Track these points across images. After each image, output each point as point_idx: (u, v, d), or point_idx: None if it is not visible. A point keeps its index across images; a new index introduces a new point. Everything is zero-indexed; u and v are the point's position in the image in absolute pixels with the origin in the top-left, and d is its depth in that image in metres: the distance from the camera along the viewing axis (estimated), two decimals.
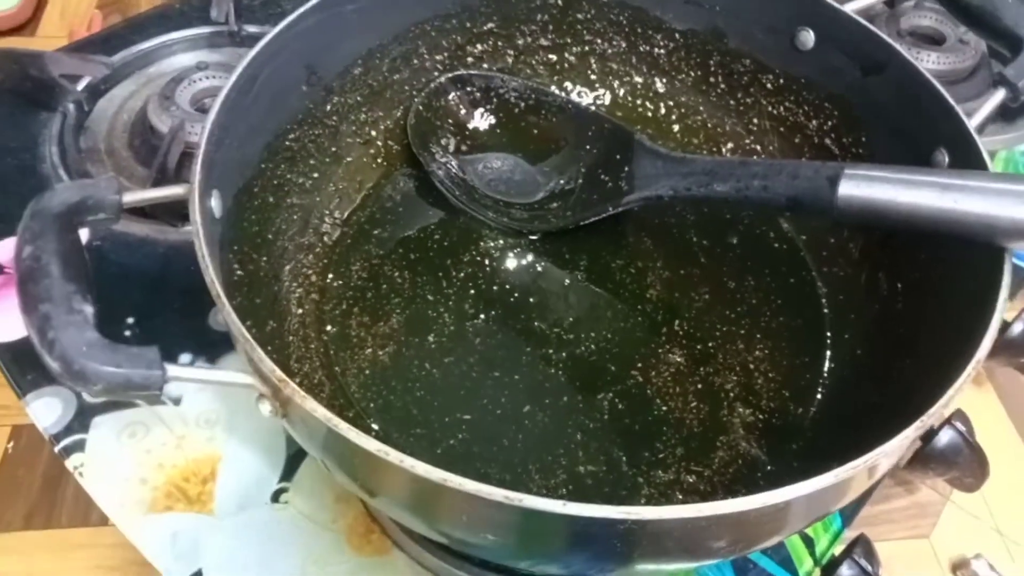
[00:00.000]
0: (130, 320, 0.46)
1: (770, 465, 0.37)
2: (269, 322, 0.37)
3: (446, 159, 0.46)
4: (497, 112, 0.47)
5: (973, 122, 0.36)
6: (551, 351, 0.40)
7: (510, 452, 0.36)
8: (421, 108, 0.46)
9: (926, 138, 0.37)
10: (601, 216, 0.43)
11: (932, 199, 0.31)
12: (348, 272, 0.42)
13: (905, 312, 0.38)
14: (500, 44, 0.47)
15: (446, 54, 0.46)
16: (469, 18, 0.46)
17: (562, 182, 0.45)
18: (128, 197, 0.30)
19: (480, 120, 0.47)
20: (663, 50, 0.47)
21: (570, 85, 0.49)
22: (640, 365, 0.39)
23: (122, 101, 0.58)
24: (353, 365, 0.39)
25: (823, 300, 0.42)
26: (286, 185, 0.41)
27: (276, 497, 0.41)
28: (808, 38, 0.42)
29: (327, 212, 0.43)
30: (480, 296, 0.42)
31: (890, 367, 0.37)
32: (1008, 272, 0.30)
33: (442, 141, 0.46)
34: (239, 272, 0.35)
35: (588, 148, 0.45)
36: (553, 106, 0.47)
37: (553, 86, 0.48)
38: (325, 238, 0.43)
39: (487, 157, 0.47)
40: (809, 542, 0.43)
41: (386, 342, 0.40)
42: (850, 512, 0.44)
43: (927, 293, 0.37)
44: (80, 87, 0.57)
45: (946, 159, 0.36)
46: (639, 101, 0.48)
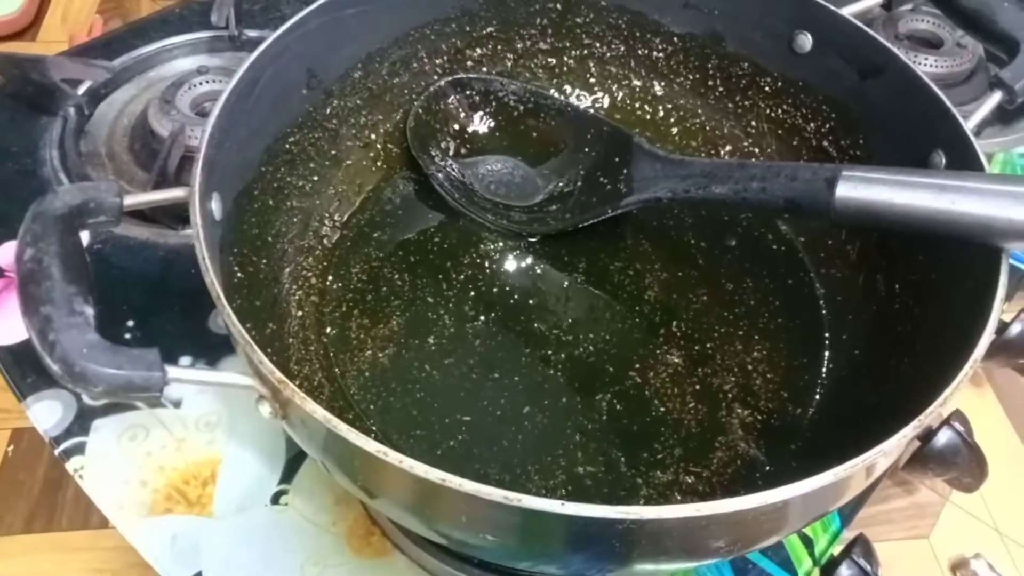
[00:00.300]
0: (130, 323, 0.46)
1: (769, 465, 0.37)
2: (269, 324, 0.37)
3: (445, 162, 0.46)
4: (496, 115, 0.47)
5: (970, 124, 0.36)
6: (550, 352, 0.40)
7: (509, 453, 0.37)
8: (420, 111, 0.46)
9: (923, 140, 0.37)
10: (600, 218, 0.43)
11: (929, 200, 0.31)
12: (348, 274, 0.42)
13: (903, 313, 0.38)
14: (499, 48, 0.47)
15: (445, 58, 0.46)
16: (469, 22, 0.46)
17: (561, 185, 0.45)
18: (129, 200, 0.30)
19: (479, 123, 0.47)
20: (661, 54, 0.47)
21: (569, 88, 0.49)
22: (638, 366, 0.39)
23: (123, 105, 0.58)
24: (353, 367, 0.39)
25: (821, 301, 0.42)
26: (286, 188, 0.41)
27: (276, 499, 0.41)
28: (806, 41, 0.42)
29: (327, 215, 0.43)
30: (479, 298, 0.42)
31: (888, 368, 0.37)
32: (1005, 273, 0.31)
33: (441, 144, 0.46)
34: (239, 274, 0.36)
35: (587, 151, 0.45)
36: (552, 109, 0.47)
37: (552, 89, 0.49)
38: (325, 241, 0.43)
39: (486, 160, 0.47)
40: (808, 542, 0.43)
41: (386, 344, 0.40)
42: (849, 512, 0.44)
43: (925, 294, 0.37)
44: (81, 91, 0.57)
45: (943, 161, 0.36)
46: (638, 104, 0.49)
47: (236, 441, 0.43)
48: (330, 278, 0.42)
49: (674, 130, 0.48)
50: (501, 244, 0.44)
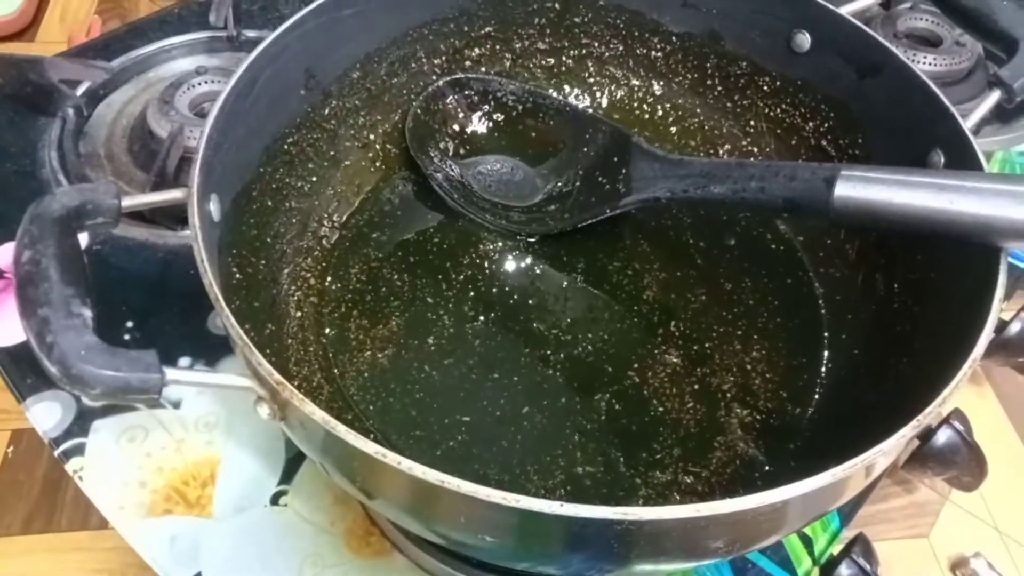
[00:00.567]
0: (129, 324, 0.46)
1: (768, 465, 0.37)
2: (268, 325, 0.37)
3: (444, 162, 0.46)
4: (495, 115, 0.47)
5: (968, 123, 0.36)
6: (549, 352, 0.40)
7: (508, 453, 0.37)
8: (419, 112, 0.46)
9: (922, 139, 0.37)
10: (599, 218, 0.43)
11: (928, 199, 0.31)
12: (347, 275, 0.42)
13: (902, 312, 0.38)
14: (498, 48, 0.47)
15: (444, 58, 0.46)
16: (467, 22, 0.46)
17: (560, 184, 0.45)
18: (127, 201, 0.30)
19: (478, 123, 0.47)
20: (660, 53, 0.47)
21: (568, 88, 0.49)
22: (637, 366, 0.39)
23: (121, 106, 0.58)
24: (352, 368, 0.39)
25: (820, 301, 0.42)
26: (284, 189, 0.41)
27: (275, 500, 0.41)
28: (804, 40, 0.42)
29: (325, 215, 0.43)
30: (479, 298, 0.42)
31: (887, 367, 0.37)
32: (1004, 272, 0.31)
33: (440, 144, 0.46)
34: (237, 275, 0.36)
35: (585, 151, 0.45)
36: (551, 109, 0.47)
37: (551, 89, 0.49)
38: (324, 241, 0.43)
39: (485, 160, 0.47)
40: (808, 542, 0.43)
41: (385, 345, 0.40)
42: (848, 511, 0.44)
43: (924, 293, 0.37)
44: (79, 92, 0.57)
45: (942, 160, 0.36)
46: (636, 104, 0.49)
47: (235, 442, 0.43)
48: (329, 279, 0.42)
49: (673, 129, 0.48)
50: (500, 244, 0.44)
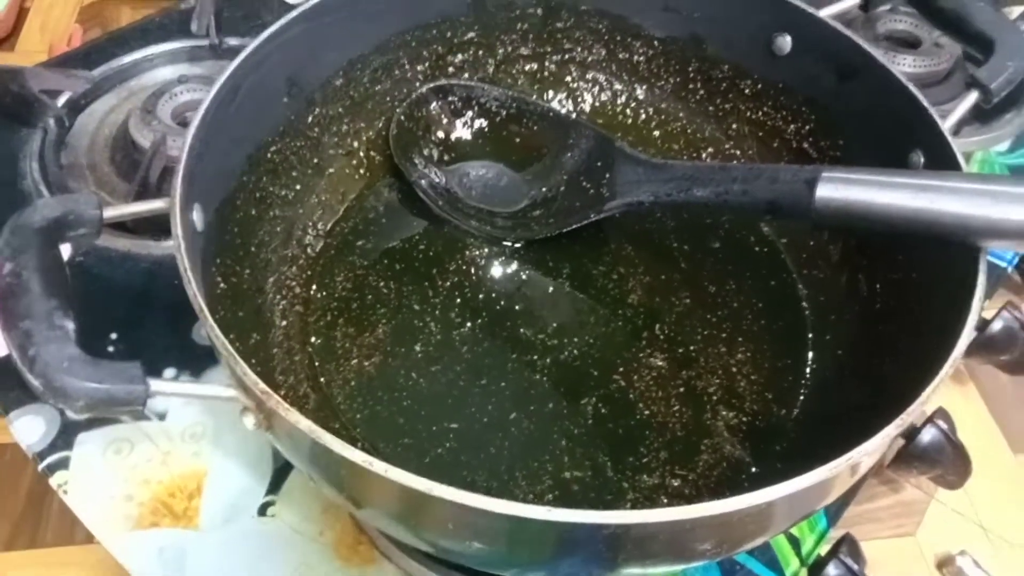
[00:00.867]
0: (113, 336, 0.46)
1: (755, 467, 0.37)
2: (253, 335, 0.37)
3: (428, 169, 0.46)
4: (478, 121, 0.47)
5: (947, 124, 0.36)
6: (536, 358, 0.40)
7: (496, 460, 0.37)
8: (403, 118, 0.46)
9: (902, 141, 0.37)
10: (583, 223, 0.43)
11: (907, 200, 0.32)
12: (332, 283, 0.42)
13: (884, 313, 0.38)
14: (481, 54, 0.47)
15: (427, 64, 0.47)
16: (450, 28, 0.46)
17: (544, 190, 0.45)
18: (109, 212, 0.30)
19: (462, 130, 0.47)
20: (642, 57, 0.47)
21: (551, 93, 0.49)
22: (623, 370, 0.39)
23: (103, 116, 0.58)
24: (339, 376, 0.39)
25: (804, 302, 0.42)
26: (268, 197, 0.41)
27: (263, 510, 0.41)
28: (785, 44, 0.42)
29: (310, 224, 0.43)
30: (465, 305, 0.42)
31: (871, 367, 0.37)
32: (983, 271, 0.31)
33: (424, 151, 0.46)
34: (222, 285, 0.35)
35: (569, 156, 0.45)
36: (534, 114, 0.47)
37: (534, 94, 0.49)
38: (308, 250, 0.43)
39: (469, 166, 0.47)
40: (795, 542, 0.43)
41: (372, 352, 0.40)
42: (835, 511, 0.44)
43: (905, 294, 0.37)
44: (60, 102, 0.56)
45: (922, 161, 0.37)
46: (619, 108, 0.49)
47: (222, 452, 0.43)
48: (314, 287, 0.42)
49: (656, 133, 0.48)
50: (486, 250, 0.44)
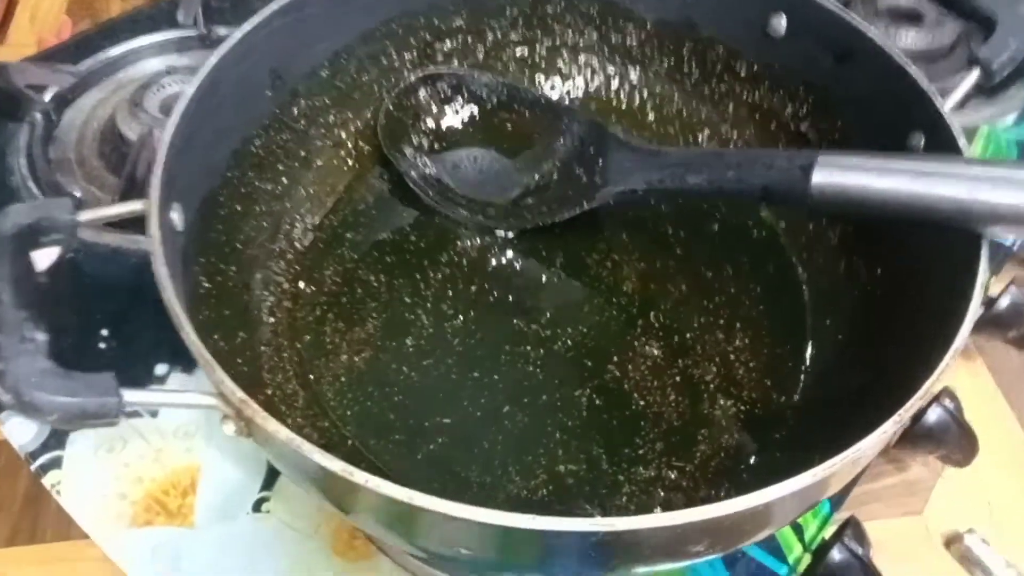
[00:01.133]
0: (104, 332, 0.46)
1: (754, 456, 0.36)
2: (239, 333, 0.36)
3: (419, 158, 0.45)
4: (468, 109, 0.46)
5: (948, 105, 0.35)
6: (529, 349, 0.39)
7: (490, 454, 0.36)
8: (391, 108, 0.45)
9: (901, 122, 0.36)
10: (576, 211, 0.42)
11: (906, 185, 0.31)
12: (321, 278, 0.41)
13: (884, 298, 0.37)
14: (470, 40, 0.46)
15: (415, 52, 0.46)
16: (437, 15, 0.45)
17: (537, 178, 0.45)
18: (84, 216, 0.29)
19: (452, 118, 0.46)
20: (635, 40, 0.46)
21: (542, 79, 0.48)
22: (617, 360, 0.38)
23: (91, 109, 0.57)
24: (328, 372, 0.38)
25: (803, 287, 0.42)
26: (254, 192, 0.40)
27: (257, 507, 0.41)
28: (780, 24, 0.41)
29: (298, 217, 0.42)
30: (457, 297, 0.41)
31: (871, 353, 0.36)
32: (984, 259, 0.30)
33: (414, 140, 0.46)
34: (206, 284, 0.35)
35: (562, 143, 0.44)
36: (525, 101, 0.46)
37: (525, 81, 0.48)
38: (297, 244, 0.42)
39: (460, 155, 0.46)
40: (798, 528, 0.42)
41: (362, 347, 0.39)
42: (838, 496, 0.43)
43: (906, 279, 0.36)
44: (47, 97, 0.56)
45: (922, 142, 0.36)
46: (613, 92, 0.48)
47: (215, 449, 0.42)
48: (303, 282, 0.41)
49: (651, 117, 0.47)
50: (478, 241, 0.43)
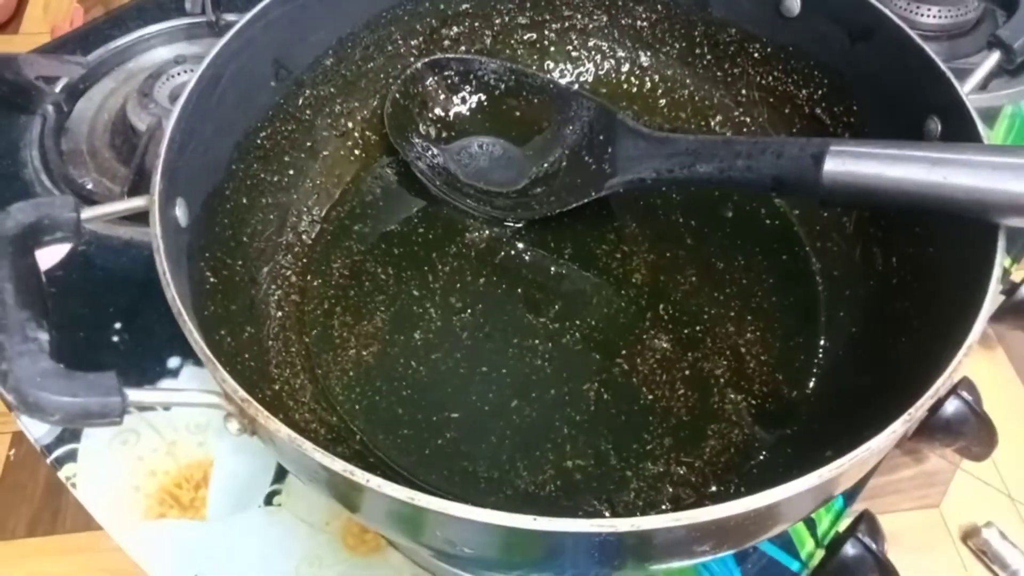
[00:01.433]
0: (117, 325, 0.46)
1: (764, 452, 0.36)
2: (247, 328, 0.36)
3: (426, 147, 0.45)
4: (476, 96, 0.46)
5: (967, 87, 0.34)
6: (537, 342, 0.39)
7: (498, 449, 0.36)
8: (398, 96, 0.44)
9: (917, 106, 0.35)
10: (585, 201, 0.41)
11: (921, 174, 0.30)
12: (329, 271, 0.41)
13: (901, 288, 0.37)
14: (477, 25, 0.46)
15: (421, 38, 0.45)
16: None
17: (545, 167, 0.44)
18: (87, 213, 0.29)
19: (459, 105, 0.46)
20: (646, 22, 0.45)
21: (551, 64, 0.47)
22: (625, 353, 0.38)
23: (102, 100, 0.57)
24: (336, 367, 0.38)
25: (817, 277, 0.41)
26: (260, 185, 0.40)
27: (269, 500, 0.41)
28: (794, 4, 0.40)
29: (305, 209, 0.42)
30: (465, 290, 0.41)
31: (886, 346, 0.35)
32: (1001, 250, 0.29)
33: (421, 129, 0.45)
34: (212, 279, 0.35)
35: (571, 129, 0.44)
36: (534, 87, 0.45)
37: (534, 66, 0.47)
38: (304, 236, 0.42)
39: (468, 143, 0.45)
40: (811, 523, 0.42)
41: (370, 341, 0.39)
42: (853, 490, 0.43)
43: (922, 268, 0.36)
44: (58, 88, 0.56)
45: (938, 128, 0.35)
46: (623, 76, 0.47)
47: (227, 443, 0.43)
48: (310, 275, 0.41)
49: (662, 102, 0.46)
50: (487, 232, 0.43)
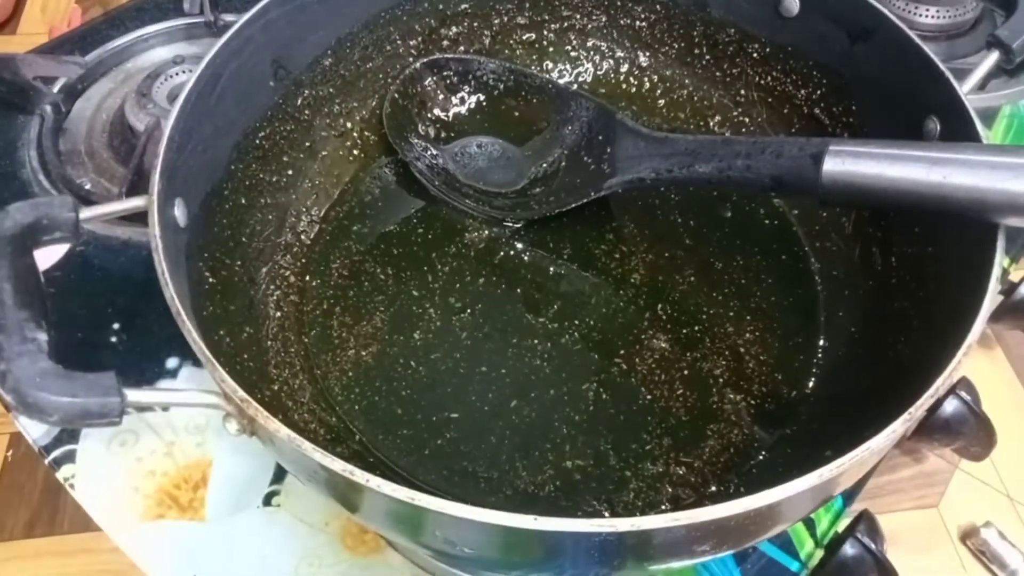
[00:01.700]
0: (116, 325, 0.46)
1: (764, 452, 0.36)
2: (245, 329, 0.36)
3: (425, 147, 0.45)
4: (475, 96, 0.46)
5: (965, 87, 0.34)
6: (536, 343, 0.39)
7: (497, 449, 0.36)
8: (397, 96, 0.44)
9: (917, 106, 0.35)
10: (584, 201, 0.41)
11: (920, 174, 0.30)
12: (328, 271, 0.41)
13: (900, 288, 0.37)
14: (476, 25, 0.46)
15: (420, 38, 0.45)
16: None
17: (544, 166, 0.44)
18: (85, 214, 0.29)
19: (458, 105, 0.46)
20: (644, 22, 0.45)
21: (550, 64, 0.47)
22: (624, 353, 0.38)
23: (100, 100, 0.57)
24: (335, 367, 0.38)
25: (817, 277, 0.41)
26: (259, 185, 0.40)
27: (268, 500, 0.41)
28: (793, 4, 0.40)
29: (304, 209, 0.42)
30: (464, 290, 0.41)
31: (885, 346, 0.35)
32: (1000, 249, 0.29)
33: (420, 129, 0.45)
34: (211, 280, 0.35)
35: (570, 129, 0.44)
36: (533, 87, 0.45)
37: (533, 66, 0.47)
38: (303, 237, 0.42)
39: (467, 143, 0.45)
40: (810, 523, 0.42)
41: (369, 342, 0.39)
42: (852, 489, 0.43)
43: (922, 268, 0.36)
44: (56, 88, 0.56)
45: (938, 128, 0.35)
46: (622, 77, 0.47)
47: (226, 443, 0.43)
48: (309, 276, 0.41)
49: (661, 102, 0.46)
50: (486, 232, 0.43)
